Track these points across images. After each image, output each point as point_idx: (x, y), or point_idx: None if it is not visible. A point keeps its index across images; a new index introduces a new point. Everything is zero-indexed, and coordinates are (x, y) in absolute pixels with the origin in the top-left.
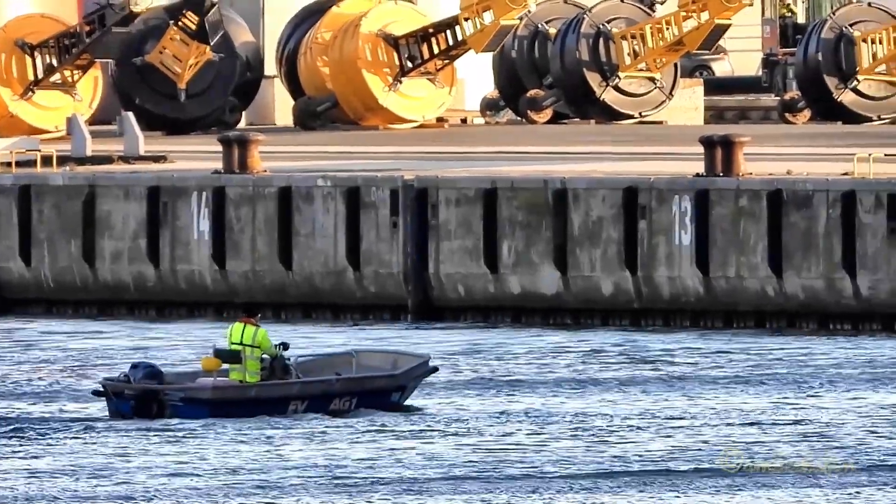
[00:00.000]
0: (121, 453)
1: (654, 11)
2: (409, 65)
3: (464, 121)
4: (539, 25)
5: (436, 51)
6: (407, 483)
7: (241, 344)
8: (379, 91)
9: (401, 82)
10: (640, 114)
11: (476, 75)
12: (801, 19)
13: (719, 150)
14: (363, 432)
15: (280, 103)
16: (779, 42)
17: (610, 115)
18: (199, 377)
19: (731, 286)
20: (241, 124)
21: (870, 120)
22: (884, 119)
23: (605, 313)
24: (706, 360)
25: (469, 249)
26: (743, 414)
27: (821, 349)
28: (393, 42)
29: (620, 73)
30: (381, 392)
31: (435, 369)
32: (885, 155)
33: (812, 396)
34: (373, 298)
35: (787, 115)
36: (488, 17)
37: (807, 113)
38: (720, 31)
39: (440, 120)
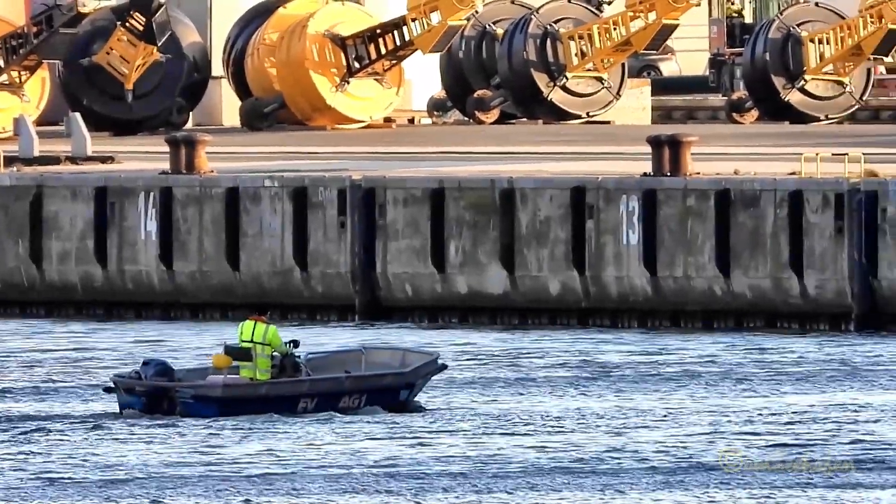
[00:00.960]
0: (131, 449)
1: (601, 12)
2: (357, 65)
3: (411, 121)
4: (486, 26)
5: (383, 51)
6: (411, 480)
7: (251, 341)
8: (326, 91)
9: (348, 83)
10: (587, 114)
11: (423, 76)
12: (748, 19)
13: (667, 150)
14: (371, 429)
15: (227, 104)
16: (726, 42)
17: (557, 115)
18: (209, 374)
19: (678, 286)
20: (189, 125)
21: (817, 120)
22: (831, 119)
23: (553, 313)
24: (652, 358)
25: (416, 249)
26: (688, 412)
27: (767, 348)
28: (340, 43)
29: (568, 74)
30: (390, 390)
31: (444, 367)
32: (833, 154)
33: (755, 395)
34: (320, 298)
35: (734, 114)
36: (435, 17)
37: (754, 113)
38: (667, 31)
39: (387, 120)
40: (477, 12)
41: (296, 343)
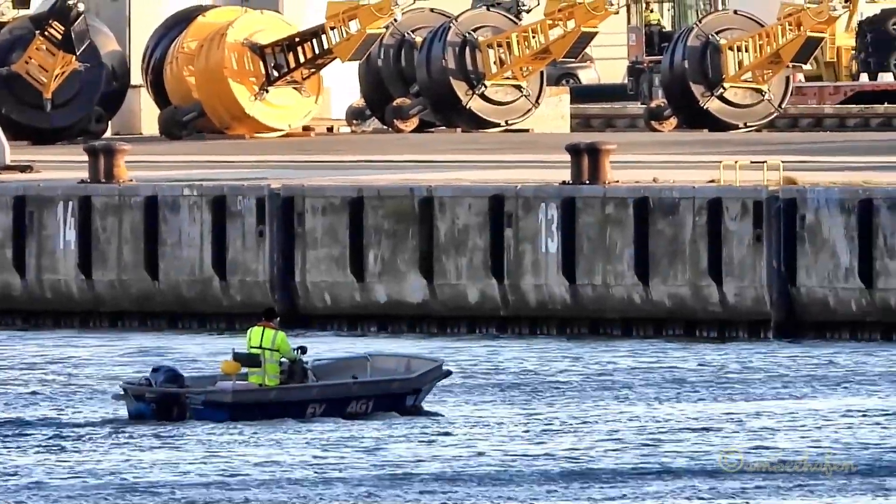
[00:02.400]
0: (141, 456)
1: (520, 20)
2: (276, 74)
3: (330, 129)
4: (405, 34)
5: (302, 60)
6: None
7: (260, 347)
8: (245, 100)
9: (267, 91)
10: (506, 122)
11: (342, 84)
12: (667, 27)
13: (586, 158)
14: (376, 434)
15: (146, 112)
16: (645, 50)
17: (476, 123)
18: (218, 380)
19: (597, 294)
20: (108, 134)
21: (736, 127)
22: (750, 126)
23: (472, 321)
24: (571, 366)
25: (335, 258)
26: (604, 420)
27: (685, 356)
28: (259, 51)
29: (487, 82)
30: (397, 395)
31: (449, 373)
32: (751, 162)
33: (668, 402)
34: (239, 307)
35: (653, 122)
36: (354, 25)
37: (673, 120)
38: (586, 39)
39: (306, 129)
40: (396, 20)
41: (303, 349)
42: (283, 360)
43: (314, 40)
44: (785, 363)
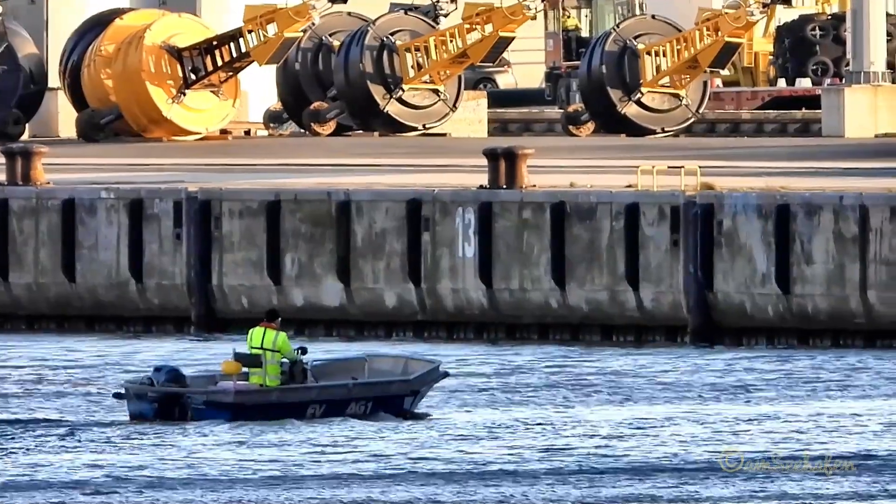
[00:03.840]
0: (142, 455)
1: (437, 24)
2: (193, 77)
3: (247, 133)
4: (323, 38)
5: (220, 63)
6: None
7: (261, 348)
8: (162, 103)
9: (184, 94)
10: (423, 126)
11: (260, 87)
12: (584, 32)
13: (503, 163)
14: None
15: (64, 115)
16: (562, 55)
17: (394, 127)
18: (219, 380)
19: (514, 298)
20: (25, 136)
21: (653, 132)
22: (667, 131)
23: (389, 325)
24: (491, 371)
25: (252, 261)
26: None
27: (603, 362)
28: (177, 54)
29: (404, 86)
30: (396, 397)
31: (446, 374)
32: (669, 167)
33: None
34: (156, 310)
35: (570, 127)
36: (272, 29)
37: (590, 125)
38: (504, 43)
39: (224, 132)
40: (313, 24)
41: (304, 350)
42: (283, 360)
43: (232, 43)
44: (699, 368)
